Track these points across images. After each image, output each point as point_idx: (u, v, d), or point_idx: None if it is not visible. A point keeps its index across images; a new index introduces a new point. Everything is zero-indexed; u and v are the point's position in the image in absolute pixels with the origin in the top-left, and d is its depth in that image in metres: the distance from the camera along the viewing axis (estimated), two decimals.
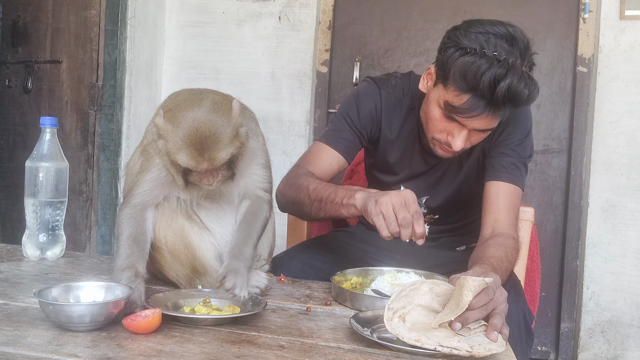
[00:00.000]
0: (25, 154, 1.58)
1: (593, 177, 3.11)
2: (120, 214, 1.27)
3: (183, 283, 1.31)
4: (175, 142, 1.16)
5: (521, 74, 1.37)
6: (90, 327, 1.01)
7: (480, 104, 1.40)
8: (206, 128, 1.16)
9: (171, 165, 1.21)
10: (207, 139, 1.16)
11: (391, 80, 1.71)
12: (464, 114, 1.43)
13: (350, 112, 1.68)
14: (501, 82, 1.35)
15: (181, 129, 1.16)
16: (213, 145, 1.16)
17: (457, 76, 1.40)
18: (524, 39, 1.41)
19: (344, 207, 1.44)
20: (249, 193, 1.34)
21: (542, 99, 3.23)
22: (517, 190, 1.56)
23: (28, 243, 1.56)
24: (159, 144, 1.21)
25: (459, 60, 1.40)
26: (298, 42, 3.37)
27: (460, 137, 1.48)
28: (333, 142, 1.67)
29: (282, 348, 0.99)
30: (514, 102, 1.40)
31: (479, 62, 1.37)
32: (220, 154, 1.17)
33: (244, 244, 1.26)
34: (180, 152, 1.16)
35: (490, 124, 1.47)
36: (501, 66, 1.36)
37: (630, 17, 3.02)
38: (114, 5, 3.01)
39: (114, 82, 3.02)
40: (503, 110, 1.42)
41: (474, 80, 1.37)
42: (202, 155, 1.16)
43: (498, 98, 1.37)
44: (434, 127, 1.52)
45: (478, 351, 0.96)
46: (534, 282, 1.93)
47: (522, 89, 1.37)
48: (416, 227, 1.28)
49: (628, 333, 3.08)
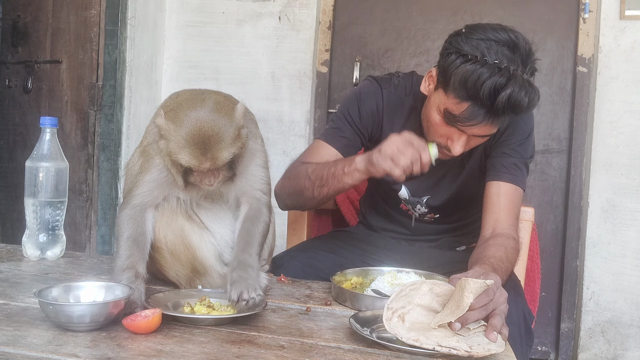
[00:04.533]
0: (25, 154, 1.58)
1: (593, 177, 3.10)
2: (120, 215, 1.27)
3: (183, 283, 1.31)
4: (178, 141, 1.16)
5: (522, 82, 1.35)
6: (90, 327, 1.01)
7: (480, 112, 1.39)
8: (209, 127, 1.16)
9: (172, 165, 1.21)
10: (210, 139, 1.16)
11: (393, 80, 1.71)
12: (464, 123, 1.42)
13: (351, 111, 1.68)
14: (502, 92, 1.34)
15: (184, 128, 1.16)
16: (215, 145, 1.16)
17: (458, 84, 1.39)
18: (525, 46, 1.39)
19: (346, 175, 1.48)
20: (247, 195, 1.33)
21: (542, 99, 3.21)
22: (518, 190, 1.56)
23: (28, 243, 1.56)
24: (160, 144, 1.20)
25: (460, 68, 1.39)
26: (298, 42, 3.37)
27: (460, 143, 1.48)
28: (332, 140, 1.67)
29: (282, 348, 0.99)
30: (514, 111, 1.39)
31: (480, 71, 1.35)
32: (223, 153, 1.17)
33: (242, 252, 1.25)
34: (182, 152, 1.16)
35: (489, 130, 1.46)
36: (502, 75, 1.34)
37: (630, 17, 3.02)
38: (114, 5, 3.01)
39: (114, 82, 3.02)
40: (502, 118, 1.42)
41: (474, 89, 1.36)
42: (204, 154, 1.16)
43: (498, 107, 1.36)
44: (434, 131, 1.52)
45: (477, 351, 0.96)
46: (534, 282, 1.93)
47: (523, 98, 1.36)
48: (423, 157, 1.37)
49: (628, 333, 3.08)
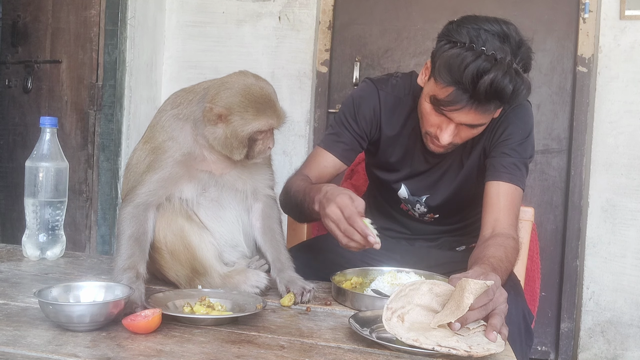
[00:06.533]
0: (25, 154, 1.58)
1: (593, 177, 3.11)
2: (122, 213, 1.27)
3: (183, 283, 1.31)
4: (247, 111, 1.22)
5: (507, 69, 1.34)
6: (90, 327, 1.01)
7: (464, 97, 1.38)
8: (267, 86, 1.27)
9: (238, 143, 1.25)
10: (273, 96, 1.26)
11: (391, 80, 1.71)
12: (447, 107, 1.42)
13: (348, 115, 1.68)
14: (484, 76, 1.33)
15: (248, 97, 1.23)
16: (278, 102, 1.27)
17: (442, 68, 1.39)
18: (516, 37, 1.39)
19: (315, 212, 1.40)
20: (259, 192, 1.38)
21: (542, 99, 3.23)
22: (517, 190, 1.56)
23: (28, 243, 1.56)
24: (214, 132, 1.24)
25: (446, 52, 1.39)
26: (298, 42, 3.37)
27: (448, 131, 1.47)
28: (331, 146, 1.68)
29: (282, 348, 0.99)
30: (498, 97, 1.37)
31: (464, 55, 1.35)
32: (283, 109, 1.28)
33: (280, 254, 1.35)
34: (258, 118, 1.23)
35: (477, 119, 1.44)
36: (486, 60, 1.33)
37: (630, 17, 3.02)
38: (114, 5, 3.01)
39: (114, 82, 3.02)
40: (487, 105, 1.40)
41: (457, 72, 1.36)
42: (276, 112, 1.26)
43: (480, 92, 1.35)
44: (426, 121, 1.53)
45: (476, 351, 0.96)
46: (534, 282, 1.93)
47: (507, 85, 1.34)
48: (357, 236, 1.26)
49: (628, 333, 3.08)
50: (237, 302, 1.17)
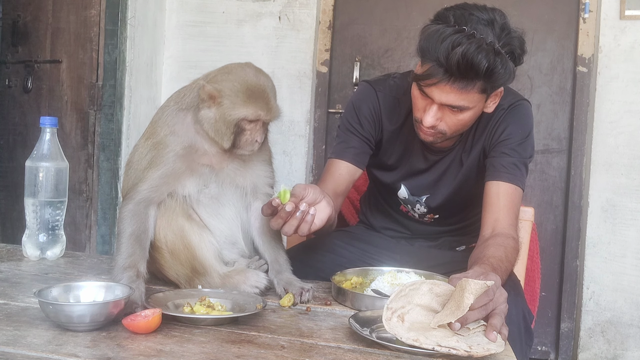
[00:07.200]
0: (25, 154, 1.58)
1: (593, 177, 3.10)
2: (123, 211, 1.27)
3: (183, 283, 1.31)
4: (237, 97, 1.23)
5: (484, 46, 1.34)
6: (90, 327, 1.01)
7: (439, 71, 1.39)
8: (266, 80, 1.27)
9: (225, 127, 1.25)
10: (269, 91, 1.26)
11: (389, 81, 1.71)
12: (423, 81, 1.43)
13: (351, 120, 1.69)
14: (457, 48, 1.34)
15: (243, 84, 1.24)
16: (273, 97, 1.27)
17: (422, 44, 1.42)
18: (502, 23, 1.39)
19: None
20: (258, 189, 1.38)
21: (542, 99, 3.23)
22: (517, 190, 1.56)
23: (28, 243, 1.56)
24: (207, 114, 1.26)
25: (428, 30, 1.42)
26: (298, 42, 3.37)
27: (430, 112, 1.47)
28: (342, 154, 1.68)
29: (282, 348, 0.99)
30: (472, 71, 1.37)
31: (442, 30, 1.38)
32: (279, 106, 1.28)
33: (278, 255, 1.36)
34: (246, 105, 1.24)
35: (456, 99, 1.43)
36: (463, 35, 1.35)
37: (630, 17, 3.02)
38: (114, 5, 3.01)
39: (114, 82, 3.02)
40: (464, 81, 1.39)
41: (434, 46, 1.38)
42: (267, 105, 1.25)
43: (452, 64, 1.35)
44: (414, 106, 1.54)
45: (476, 351, 0.96)
46: (534, 282, 1.93)
47: (481, 60, 1.34)
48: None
49: (628, 333, 3.08)
50: (237, 302, 1.17)
